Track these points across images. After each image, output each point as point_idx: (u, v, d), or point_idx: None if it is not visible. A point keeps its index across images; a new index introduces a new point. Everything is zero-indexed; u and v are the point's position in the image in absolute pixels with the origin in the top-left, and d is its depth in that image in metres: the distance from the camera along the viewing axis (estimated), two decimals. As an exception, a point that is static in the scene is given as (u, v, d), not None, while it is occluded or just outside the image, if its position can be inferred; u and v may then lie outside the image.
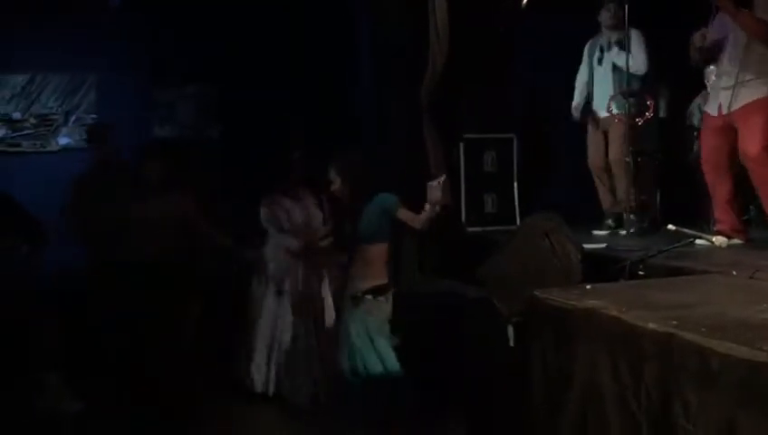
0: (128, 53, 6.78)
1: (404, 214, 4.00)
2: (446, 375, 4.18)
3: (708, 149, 4.41)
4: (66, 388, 4.42)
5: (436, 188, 3.87)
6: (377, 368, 3.92)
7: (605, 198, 5.46)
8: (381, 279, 4.01)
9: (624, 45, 5.13)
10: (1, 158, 6.85)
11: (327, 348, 4.47)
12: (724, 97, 4.23)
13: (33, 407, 4.31)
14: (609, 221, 5.37)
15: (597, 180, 5.47)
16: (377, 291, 3.99)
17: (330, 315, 4.61)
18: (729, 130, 4.26)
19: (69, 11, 6.57)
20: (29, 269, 4.50)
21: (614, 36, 5.29)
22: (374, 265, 4.01)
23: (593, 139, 5.44)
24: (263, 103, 6.95)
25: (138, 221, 4.66)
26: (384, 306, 4.03)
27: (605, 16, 5.30)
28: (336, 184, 4.07)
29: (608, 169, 5.39)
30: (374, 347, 3.94)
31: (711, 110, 4.38)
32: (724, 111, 4.22)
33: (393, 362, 3.96)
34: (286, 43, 6.83)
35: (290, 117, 6.80)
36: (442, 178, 3.96)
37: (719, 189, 4.38)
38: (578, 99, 5.53)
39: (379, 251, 4.04)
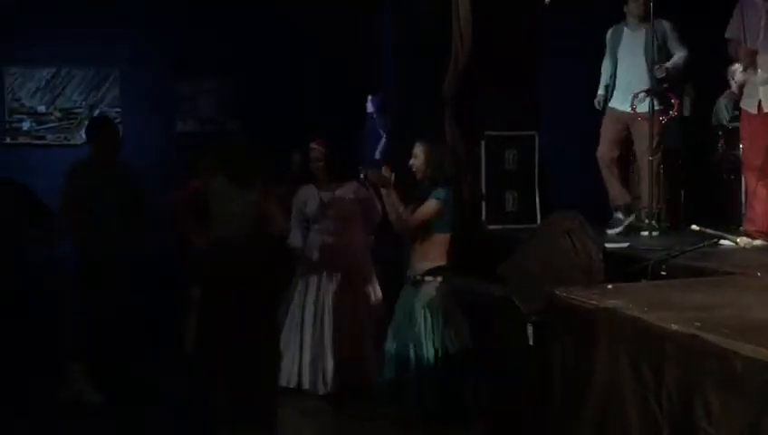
0: (151, 48, 6.84)
1: (426, 206, 4.06)
2: (466, 372, 4.16)
3: (747, 147, 4.30)
4: (89, 379, 4.47)
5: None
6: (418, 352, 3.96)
7: (614, 191, 5.32)
8: (439, 261, 4.06)
9: (655, 45, 5.08)
10: (26, 150, 6.94)
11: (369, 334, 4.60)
12: (764, 93, 4.14)
13: (56, 398, 4.36)
14: (619, 214, 5.24)
15: (606, 172, 5.31)
16: (437, 272, 4.04)
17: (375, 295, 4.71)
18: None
19: (93, 5, 6.64)
20: (44, 260, 4.54)
21: (637, 29, 5.22)
22: (435, 249, 4.06)
23: (608, 130, 5.31)
24: (283, 100, 6.98)
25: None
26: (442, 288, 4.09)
27: (632, 7, 5.22)
28: (418, 160, 4.12)
29: (618, 160, 5.30)
30: (421, 331, 3.99)
31: (749, 107, 4.27)
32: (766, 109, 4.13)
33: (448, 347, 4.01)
34: (308, 41, 6.84)
35: (310, 113, 6.84)
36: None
37: (754, 188, 4.30)
38: (602, 91, 5.44)
39: (441, 239, 4.13)
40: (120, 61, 7.06)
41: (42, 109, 7.15)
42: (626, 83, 5.24)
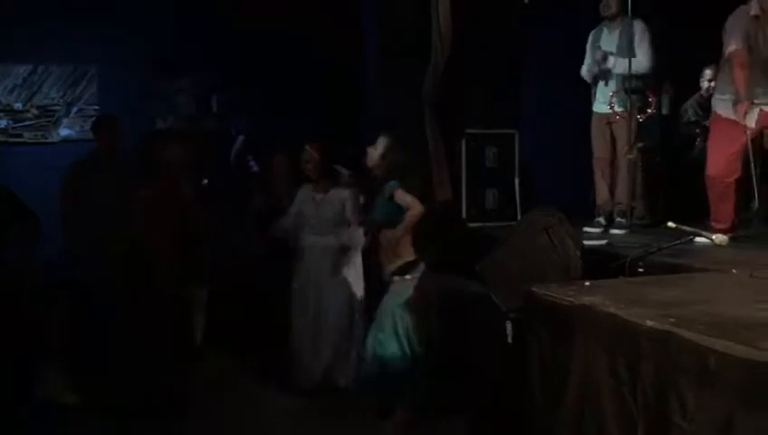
0: (129, 45, 6.78)
1: (400, 196, 4.03)
2: (446, 369, 4.17)
3: (730, 156, 4.31)
4: (64, 380, 4.43)
5: None
6: (395, 350, 3.97)
7: (602, 194, 5.39)
8: (407, 257, 4.04)
9: (624, 42, 5.10)
10: (2, 148, 6.86)
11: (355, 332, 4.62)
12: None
13: (31, 398, 4.32)
14: (601, 219, 5.31)
15: (599, 175, 5.38)
16: (404, 270, 4.02)
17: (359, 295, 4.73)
18: (755, 136, 4.25)
19: (70, 2, 6.58)
20: (24, 261, 4.50)
21: (614, 28, 5.25)
22: (398, 246, 4.05)
23: (600, 133, 5.36)
24: (265, 98, 6.96)
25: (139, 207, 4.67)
26: (412, 285, 4.07)
27: (603, 8, 5.26)
28: (376, 152, 4.12)
29: (612, 165, 5.35)
30: (397, 329, 3.98)
31: (749, 121, 4.24)
32: None
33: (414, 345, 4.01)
34: (291, 39, 6.82)
35: (292, 111, 6.82)
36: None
37: (730, 192, 4.35)
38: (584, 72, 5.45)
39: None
40: (97, 58, 7.00)
41: (18, 106, 7.07)
42: (603, 85, 5.28)
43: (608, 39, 5.30)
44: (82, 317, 4.80)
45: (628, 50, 5.06)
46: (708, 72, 5.80)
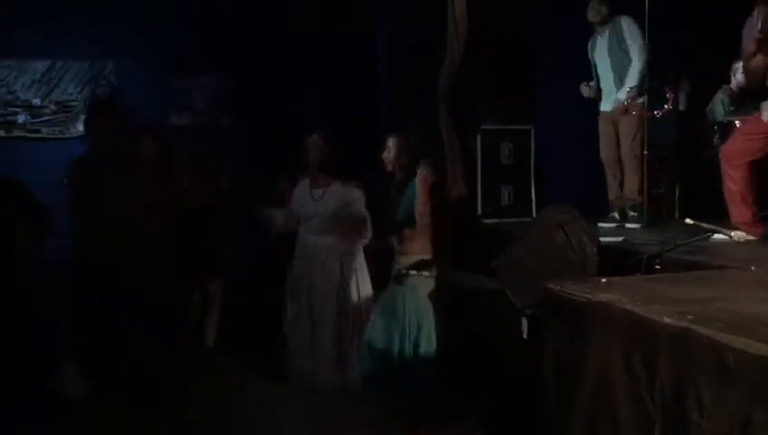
0: (146, 41, 6.82)
1: (420, 183, 4.07)
2: (460, 366, 4.17)
3: (754, 150, 4.24)
4: (77, 372, 4.46)
5: None
6: (411, 346, 3.97)
7: (613, 190, 5.43)
8: (425, 254, 4.05)
9: (615, 43, 5.16)
10: (21, 143, 6.93)
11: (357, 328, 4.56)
12: None
13: (44, 392, 4.35)
14: (615, 214, 5.35)
15: (608, 173, 5.44)
16: (420, 266, 4.03)
17: (364, 294, 4.66)
18: None
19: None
20: (35, 256, 4.52)
21: (604, 33, 5.28)
22: (417, 242, 4.05)
23: (604, 133, 5.39)
24: (279, 94, 6.98)
25: (138, 202, 4.69)
26: (429, 282, 4.06)
27: (590, 14, 5.29)
28: (391, 153, 4.14)
29: (619, 162, 5.36)
30: (412, 326, 3.99)
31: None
32: None
33: (431, 343, 4.01)
34: (307, 38, 6.84)
35: (307, 109, 6.83)
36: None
37: (741, 184, 4.29)
38: (593, 83, 5.51)
39: (421, 228, 4.11)
40: (115, 54, 7.05)
41: (37, 102, 7.14)
42: (604, 87, 5.37)
43: (600, 46, 5.38)
44: (94, 309, 4.84)
45: (622, 51, 5.14)
46: (737, 66, 5.71)
